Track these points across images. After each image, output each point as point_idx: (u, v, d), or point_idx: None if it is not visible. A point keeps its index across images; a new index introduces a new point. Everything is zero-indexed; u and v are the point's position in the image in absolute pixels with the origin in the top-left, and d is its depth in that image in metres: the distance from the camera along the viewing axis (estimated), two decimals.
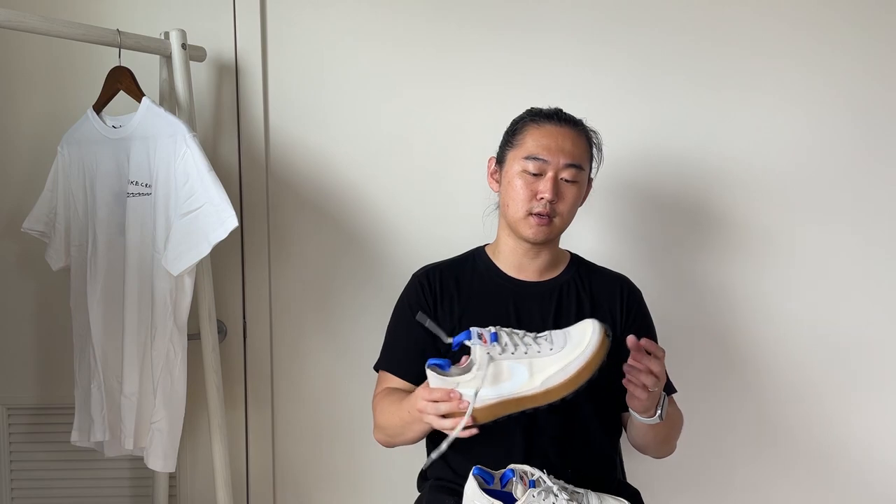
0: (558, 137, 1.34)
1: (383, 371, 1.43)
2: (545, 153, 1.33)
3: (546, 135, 1.35)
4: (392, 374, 1.41)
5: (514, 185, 1.35)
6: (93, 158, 1.62)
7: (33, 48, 1.81)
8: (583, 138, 1.38)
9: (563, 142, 1.34)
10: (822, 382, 1.83)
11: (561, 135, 1.34)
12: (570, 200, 1.34)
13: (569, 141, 1.34)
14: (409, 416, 1.26)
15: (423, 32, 1.81)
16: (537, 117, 1.38)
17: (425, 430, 1.29)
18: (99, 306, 1.61)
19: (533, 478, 1.17)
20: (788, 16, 1.77)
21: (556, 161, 1.33)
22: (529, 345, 1.15)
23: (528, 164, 1.33)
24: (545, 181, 1.32)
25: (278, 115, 1.84)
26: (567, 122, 1.37)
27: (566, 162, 1.33)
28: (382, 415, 1.36)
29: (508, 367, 1.13)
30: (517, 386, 1.13)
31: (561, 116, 1.38)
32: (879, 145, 1.78)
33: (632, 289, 1.47)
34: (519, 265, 1.41)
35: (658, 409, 1.25)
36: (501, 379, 1.13)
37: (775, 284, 1.82)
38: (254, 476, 1.91)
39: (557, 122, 1.36)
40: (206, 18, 1.79)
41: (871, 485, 1.85)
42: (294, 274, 1.87)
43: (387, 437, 1.38)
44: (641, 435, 1.35)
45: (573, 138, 1.35)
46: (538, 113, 1.39)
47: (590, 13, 1.78)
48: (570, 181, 1.34)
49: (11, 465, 1.91)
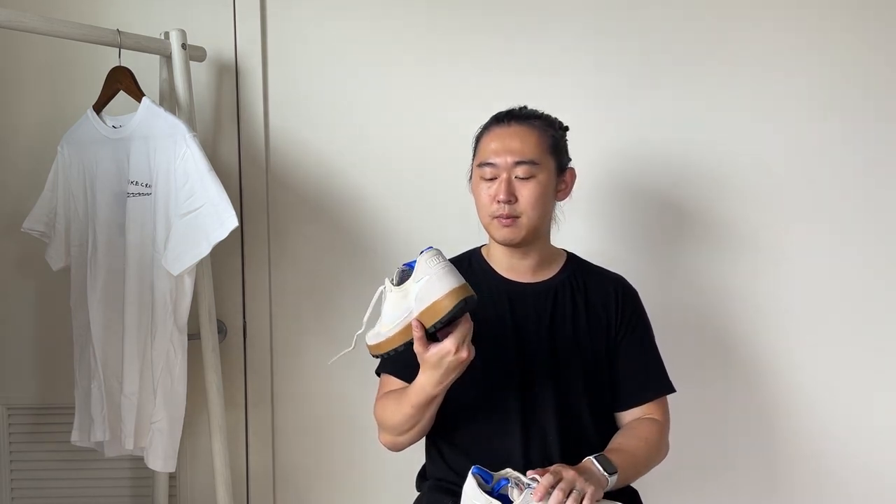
0: (505, 139, 1.35)
1: (386, 374, 1.43)
2: (493, 157, 1.34)
3: (494, 138, 1.36)
4: (396, 378, 1.40)
5: (478, 191, 1.37)
6: (93, 158, 1.62)
7: (33, 48, 1.81)
8: (534, 132, 1.36)
9: (509, 142, 1.34)
10: (820, 380, 1.84)
11: (507, 135, 1.35)
12: (529, 197, 1.33)
13: (516, 139, 1.34)
14: (412, 408, 1.26)
15: (422, 34, 1.81)
16: (489, 123, 1.40)
17: (434, 411, 1.29)
18: (99, 306, 1.62)
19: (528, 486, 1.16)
20: (785, 16, 1.77)
21: (505, 162, 1.33)
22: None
23: (484, 171, 1.35)
24: (498, 184, 1.33)
25: (278, 115, 1.84)
26: (515, 120, 1.37)
27: (514, 160, 1.33)
28: (388, 414, 1.35)
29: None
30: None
31: (511, 115, 1.38)
32: (872, 146, 1.78)
33: (627, 289, 1.46)
34: (511, 266, 1.41)
35: (605, 482, 1.23)
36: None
37: (771, 283, 1.82)
38: (254, 476, 1.91)
39: (506, 123, 1.37)
40: (206, 18, 1.79)
41: (871, 481, 1.85)
42: (294, 274, 1.87)
43: (394, 437, 1.36)
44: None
45: (521, 135, 1.35)
46: (492, 119, 1.41)
47: (586, 15, 1.78)
48: (524, 178, 1.33)
49: (11, 465, 1.91)
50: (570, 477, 1.17)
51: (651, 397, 1.41)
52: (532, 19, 1.79)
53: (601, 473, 1.23)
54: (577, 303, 1.40)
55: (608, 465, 1.25)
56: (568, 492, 1.14)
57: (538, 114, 1.40)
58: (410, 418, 1.29)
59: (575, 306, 1.40)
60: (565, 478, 1.17)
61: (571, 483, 1.16)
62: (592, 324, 1.39)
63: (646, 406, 1.41)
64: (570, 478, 1.17)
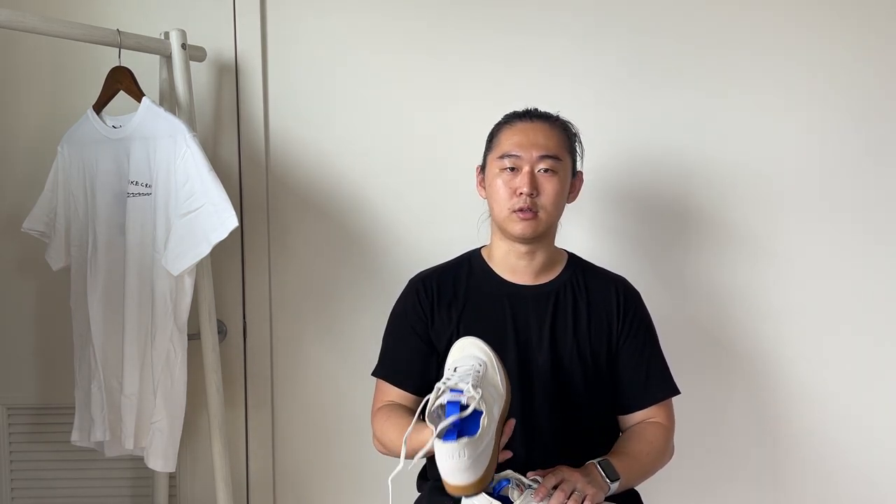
0: (530, 133, 1.36)
1: (380, 380, 1.43)
2: (517, 149, 1.35)
3: (518, 132, 1.37)
4: (391, 385, 1.40)
5: (495, 185, 1.36)
6: (93, 158, 1.62)
7: (33, 48, 1.81)
8: (557, 130, 1.38)
9: (535, 136, 1.35)
10: (821, 381, 1.83)
11: (532, 130, 1.36)
12: (551, 192, 1.34)
13: (541, 134, 1.36)
14: (408, 445, 1.20)
15: (422, 34, 1.81)
16: (510, 118, 1.41)
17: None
18: (99, 306, 1.61)
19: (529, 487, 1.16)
20: (782, 17, 1.77)
21: (530, 155, 1.34)
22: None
23: (505, 162, 1.35)
24: (522, 176, 1.33)
25: (278, 115, 1.84)
26: (538, 118, 1.39)
27: (539, 154, 1.34)
28: (384, 433, 1.35)
29: None
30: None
31: (532, 114, 1.40)
32: (873, 146, 1.78)
33: (629, 291, 1.46)
34: (513, 268, 1.41)
35: (607, 487, 1.23)
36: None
37: (772, 284, 1.82)
38: (254, 476, 1.91)
39: (529, 119, 1.39)
40: (206, 18, 1.79)
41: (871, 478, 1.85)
42: (294, 274, 1.87)
43: (386, 450, 1.37)
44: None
45: (545, 131, 1.36)
46: (511, 115, 1.42)
47: (587, 17, 1.78)
48: (547, 171, 1.34)
49: (11, 465, 1.91)
50: (572, 478, 1.17)
51: (654, 400, 1.40)
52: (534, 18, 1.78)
53: (603, 478, 1.23)
54: (579, 305, 1.40)
55: (611, 471, 1.25)
56: (569, 493, 1.14)
57: (556, 115, 1.42)
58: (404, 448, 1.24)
59: (576, 308, 1.39)
60: (567, 479, 1.17)
61: (573, 484, 1.16)
62: (594, 326, 1.39)
63: (650, 409, 1.40)
64: (572, 479, 1.17)
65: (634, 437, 1.37)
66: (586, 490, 1.15)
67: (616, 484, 1.24)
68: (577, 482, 1.16)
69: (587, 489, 1.16)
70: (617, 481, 1.24)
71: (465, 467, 1.02)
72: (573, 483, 1.16)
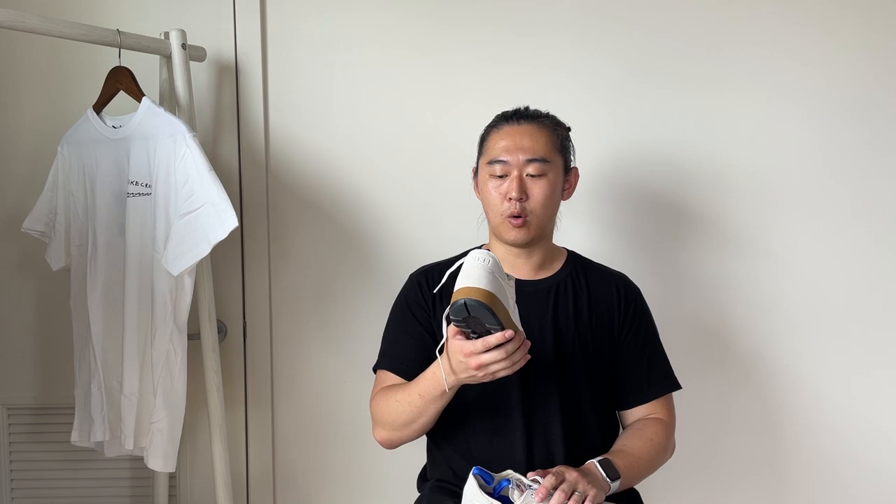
0: (516, 136, 1.35)
1: (383, 371, 1.42)
2: (504, 154, 1.35)
3: (504, 136, 1.37)
4: (393, 374, 1.40)
5: (487, 190, 1.37)
6: (93, 158, 1.62)
7: (33, 48, 1.81)
8: (545, 131, 1.37)
9: (521, 140, 1.35)
10: (821, 379, 1.84)
11: (518, 133, 1.36)
12: (540, 197, 1.34)
13: (527, 137, 1.35)
14: (420, 399, 1.24)
15: (422, 34, 1.81)
16: (498, 121, 1.41)
17: (441, 408, 1.27)
18: (99, 306, 1.61)
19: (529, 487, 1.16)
20: (781, 17, 1.77)
21: (516, 159, 1.34)
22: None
23: (494, 168, 1.35)
24: (510, 182, 1.34)
25: (278, 115, 1.84)
26: (525, 119, 1.38)
27: (526, 158, 1.34)
28: (387, 409, 1.33)
29: None
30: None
31: (520, 114, 1.39)
32: (873, 146, 1.79)
33: (629, 287, 1.46)
34: (512, 265, 1.41)
35: (608, 487, 1.23)
36: None
37: (772, 282, 1.82)
38: (254, 476, 1.91)
39: (515, 121, 1.38)
40: (206, 18, 1.79)
41: (874, 481, 1.85)
42: (294, 274, 1.87)
43: (392, 433, 1.34)
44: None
45: (532, 133, 1.36)
46: (500, 116, 1.42)
47: (585, 16, 1.78)
48: (535, 176, 1.34)
49: (11, 465, 1.91)
50: (573, 478, 1.17)
51: (655, 395, 1.41)
52: (533, 18, 1.79)
53: (604, 478, 1.23)
54: (579, 300, 1.40)
55: (611, 471, 1.25)
56: (570, 493, 1.14)
57: (545, 113, 1.41)
58: (415, 410, 1.27)
59: (577, 304, 1.40)
60: (567, 479, 1.16)
61: (573, 485, 1.16)
62: (594, 321, 1.39)
63: (651, 404, 1.41)
64: (573, 479, 1.17)
65: (635, 435, 1.37)
66: (587, 490, 1.15)
67: (617, 483, 1.24)
68: (578, 482, 1.16)
69: (588, 489, 1.16)
70: (617, 480, 1.24)
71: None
72: (573, 483, 1.16)
